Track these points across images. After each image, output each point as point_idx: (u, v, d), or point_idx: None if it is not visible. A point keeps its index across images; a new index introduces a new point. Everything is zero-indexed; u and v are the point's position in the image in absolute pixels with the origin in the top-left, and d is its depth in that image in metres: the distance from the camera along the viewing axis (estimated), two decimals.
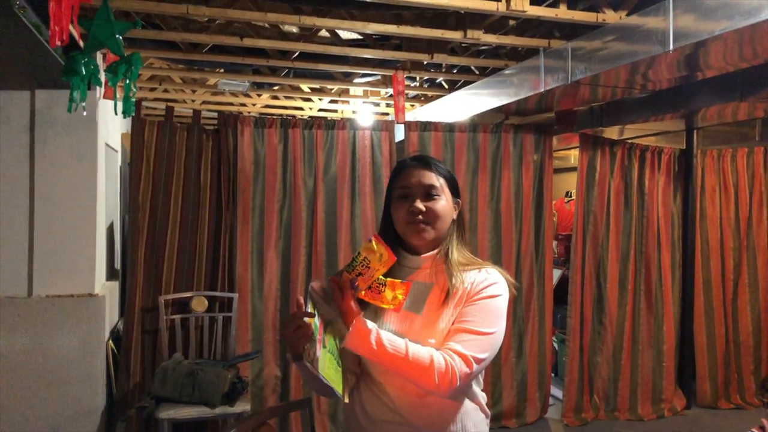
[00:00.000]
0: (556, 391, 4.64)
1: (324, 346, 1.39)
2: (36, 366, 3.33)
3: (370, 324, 1.41)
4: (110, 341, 3.59)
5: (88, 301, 3.40)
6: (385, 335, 1.41)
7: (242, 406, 3.22)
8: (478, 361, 1.43)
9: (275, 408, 1.53)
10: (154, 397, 3.19)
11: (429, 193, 1.52)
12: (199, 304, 3.63)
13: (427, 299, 1.51)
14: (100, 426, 3.41)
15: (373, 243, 1.43)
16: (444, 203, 1.53)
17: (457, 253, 1.54)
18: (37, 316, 3.34)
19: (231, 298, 3.69)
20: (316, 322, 1.37)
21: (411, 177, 1.54)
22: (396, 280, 1.45)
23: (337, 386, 1.39)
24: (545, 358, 4.35)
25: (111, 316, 3.68)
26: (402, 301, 1.43)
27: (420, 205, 1.50)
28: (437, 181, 1.54)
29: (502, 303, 1.51)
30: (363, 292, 1.45)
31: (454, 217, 1.58)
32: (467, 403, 1.53)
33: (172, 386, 3.17)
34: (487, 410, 1.61)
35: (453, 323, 1.47)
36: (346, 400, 1.47)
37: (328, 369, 1.38)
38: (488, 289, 1.50)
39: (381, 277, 1.44)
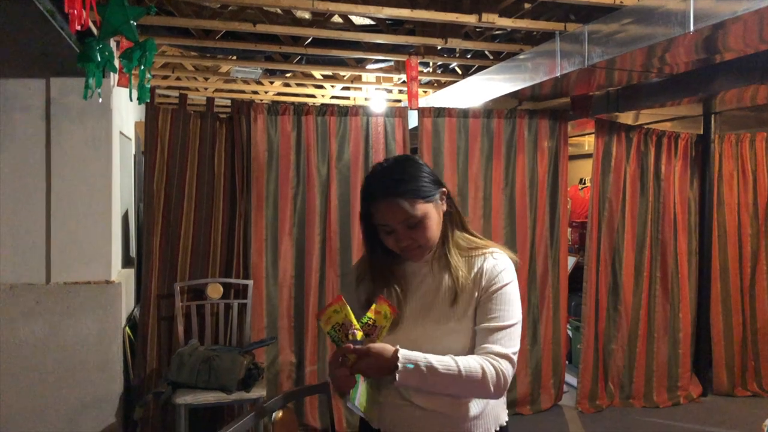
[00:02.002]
0: (570, 379, 4.63)
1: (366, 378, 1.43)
2: (54, 352, 3.36)
3: (413, 354, 1.37)
4: (127, 328, 3.62)
5: (105, 288, 3.43)
6: (433, 358, 1.37)
7: (258, 392, 3.24)
8: (515, 353, 1.45)
9: (295, 391, 1.53)
10: (170, 383, 3.22)
11: (410, 224, 1.44)
12: (215, 291, 3.64)
13: (435, 300, 1.49)
14: (117, 411, 3.45)
15: (376, 306, 1.39)
16: (429, 220, 1.45)
17: (455, 247, 1.52)
18: (55, 302, 3.37)
19: (246, 285, 3.71)
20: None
21: (385, 215, 1.44)
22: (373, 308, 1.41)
23: (370, 409, 1.48)
24: (560, 345, 4.34)
25: (127, 303, 3.71)
26: (394, 307, 1.41)
27: (407, 241, 1.45)
28: (411, 206, 1.42)
29: (516, 288, 1.51)
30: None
31: (444, 208, 1.51)
32: None
33: (188, 372, 3.20)
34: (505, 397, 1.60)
35: (478, 321, 1.45)
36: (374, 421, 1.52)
37: (365, 397, 1.45)
38: (500, 277, 1.48)
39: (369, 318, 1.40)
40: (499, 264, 1.50)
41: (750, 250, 4.70)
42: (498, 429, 1.54)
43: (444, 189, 1.51)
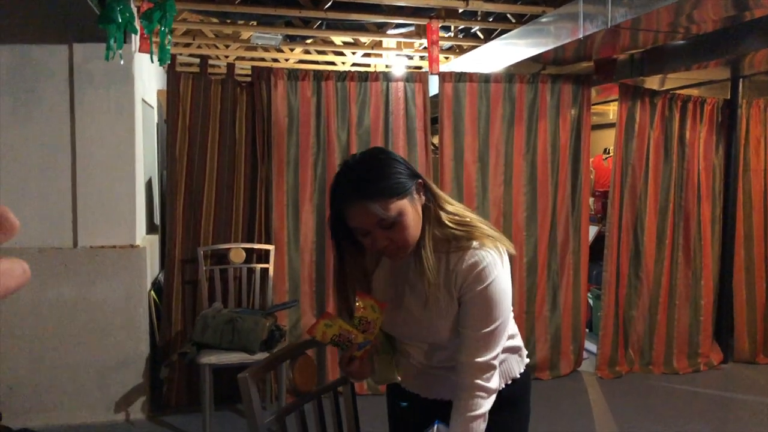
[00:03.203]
0: (590, 346, 4.64)
1: (377, 353, 1.47)
2: (83, 314, 3.46)
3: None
4: (152, 292, 3.70)
5: (130, 252, 3.50)
6: None
7: None
8: (495, 356, 1.41)
9: (310, 341, 1.56)
10: (195, 343, 3.30)
11: (384, 225, 1.33)
12: (237, 256, 3.70)
13: (411, 296, 1.48)
14: (144, 371, 3.55)
15: (360, 303, 1.38)
16: (406, 217, 1.35)
17: (431, 241, 1.40)
18: (82, 266, 3.45)
19: (268, 250, 3.75)
20: (361, 340, 1.40)
21: (359, 217, 1.33)
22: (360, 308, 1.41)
23: (391, 374, 1.51)
24: (579, 312, 4.34)
25: (152, 268, 3.78)
26: (382, 302, 1.42)
27: (383, 241, 1.35)
28: (383, 208, 1.31)
29: (498, 286, 1.40)
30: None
31: (422, 201, 1.41)
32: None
33: (212, 333, 3.27)
34: (522, 350, 1.63)
35: (460, 323, 1.42)
36: (399, 379, 1.56)
37: (382, 367, 1.50)
38: (479, 279, 1.38)
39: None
40: (478, 263, 1.38)
41: None
42: (510, 382, 1.57)
43: (420, 180, 1.40)
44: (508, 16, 4.23)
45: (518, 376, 1.59)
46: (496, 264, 1.40)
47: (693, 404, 3.92)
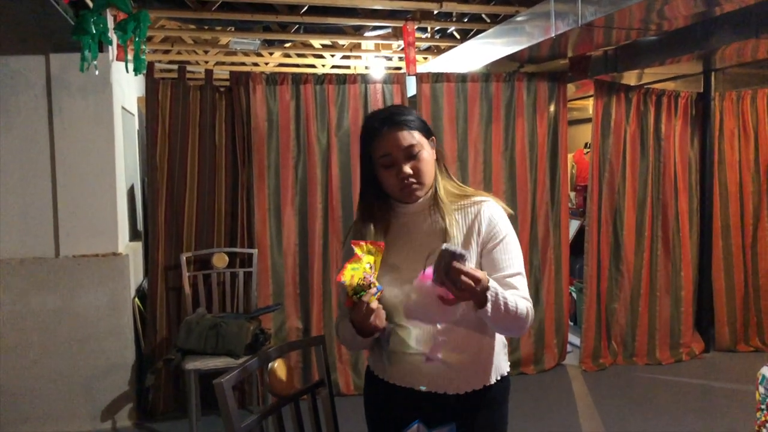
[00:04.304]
0: (574, 339, 4.70)
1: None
2: (67, 323, 3.46)
3: (496, 285, 1.37)
4: (136, 299, 3.71)
5: (113, 260, 3.51)
6: (507, 293, 1.40)
7: None
8: (529, 297, 1.52)
9: (290, 343, 1.58)
10: (179, 349, 3.31)
11: (411, 154, 1.49)
12: (220, 261, 3.71)
13: (430, 243, 1.49)
14: (131, 378, 3.56)
15: (357, 249, 1.41)
16: (426, 155, 1.52)
17: (444, 190, 1.56)
18: (65, 275, 3.45)
19: (251, 254, 3.77)
20: (365, 265, 1.39)
21: (388, 143, 1.49)
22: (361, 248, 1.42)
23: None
24: (562, 305, 4.40)
25: (136, 275, 3.79)
26: (374, 242, 1.44)
27: (407, 169, 1.49)
28: (413, 137, 1.50)
29: (516, 238, 1.55)
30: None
31: (434, 156, 1.57)
32: (499, 340, 1.60)
33: (196, 339, 3.28)
34: (507, 347, 1.67)
35: (488, 273, 1.43)
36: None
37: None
38: (499, 227, 1.52)
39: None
40: (495, 214, 1.54)
41: (751, 208, 4.71)
42: (499, 378, 1.58)
43: (433, 137, 1.57)
44: (483, 16, 4.27)
45: (506, 373, 1.62)
46: (509, 221, 1.56)
47: (676, 394, 3.98)
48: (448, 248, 1.25)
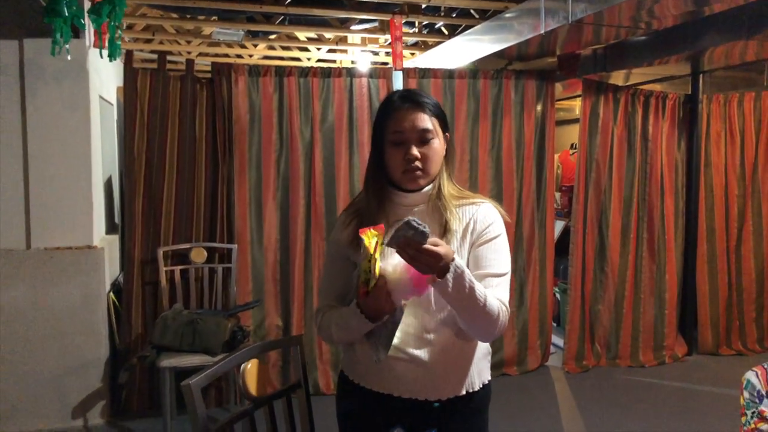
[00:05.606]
0: (557, 340, 4.66)
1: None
2: (37, 318, 3.35)
3: (463, 264, 1.32)
4: (111, 294, 3.60)
5: (87, 254, 3.40)
6: (471, 276, 1.33)
7: None
8: (508, 303, 1.45)
9: (264, 344, 1.51)
10: (154, 346, 3.21)
11: (423, 138, 1.47)
12: (198, 255, 3.62)
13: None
14: (104, 376, 3.45)
15: (364, 238, 1.32)
16: (437, 145, 1.50)
17: (448, 187, 1.52)
18: (36, 268, 3.34)
19: (230, 249, 3.68)
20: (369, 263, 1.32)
21: (404, 121, 1.47)
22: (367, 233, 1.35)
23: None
24: (546, 306, 4.35)
25: (112, 269, 3.69)
26: (379, 225, 1.36)
27: (415, 152, 1.46)
28: (430, 122, 1.48)
29: (506, 241, 1.53)
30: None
31: (444, 152, 1.54)
32: (480, 347, 1.56)
33: (172, 335, 3.19)
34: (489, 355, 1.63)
35: (472, 269, 1.44)
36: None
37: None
38: (492, 228, 1.50)
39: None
40: (490, 215, 1.52)
41: (737, 211, 4.70)
42: (481, 386, 1.54)
43: (448, 134, 1.55)
44: (472, 11, 4.21)
45: (487, 381, 1.58)
46: (503, 224, 1.55)
47: (659, 396, 3.96)
48: (410, 221, 1.21)
